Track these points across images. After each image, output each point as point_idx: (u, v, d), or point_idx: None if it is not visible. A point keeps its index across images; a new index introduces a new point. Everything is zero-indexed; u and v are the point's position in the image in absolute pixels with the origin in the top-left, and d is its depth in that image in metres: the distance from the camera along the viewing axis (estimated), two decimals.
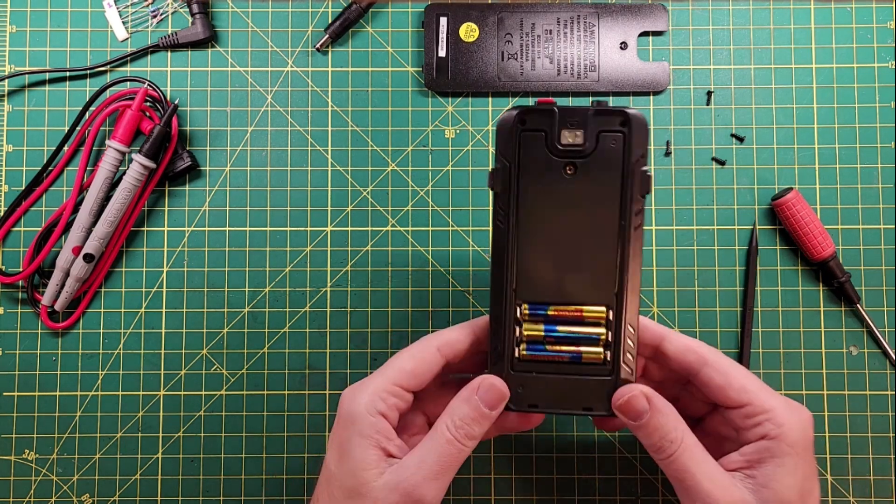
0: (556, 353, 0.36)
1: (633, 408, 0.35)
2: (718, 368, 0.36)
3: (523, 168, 0.34)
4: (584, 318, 0.36)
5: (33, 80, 0.52)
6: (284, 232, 0.52)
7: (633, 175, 0.34)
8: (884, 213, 0.51)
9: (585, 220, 0.35)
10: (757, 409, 0.35)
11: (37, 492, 0.50)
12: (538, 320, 0.36)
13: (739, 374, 0.36)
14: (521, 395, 0.36)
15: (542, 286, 0.35)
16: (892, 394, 0.50)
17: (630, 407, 0.35)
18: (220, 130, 0.52)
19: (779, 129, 0.52)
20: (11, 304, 0.51)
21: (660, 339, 0.37)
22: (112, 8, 0.52)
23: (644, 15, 0.52)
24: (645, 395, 0.35)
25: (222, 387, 0.51)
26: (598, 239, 0.35)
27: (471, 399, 0.35)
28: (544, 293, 0.35)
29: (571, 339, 0.36)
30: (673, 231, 0.51)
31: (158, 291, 0.51)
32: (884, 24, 0.52)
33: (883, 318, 0.51)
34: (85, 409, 0.51)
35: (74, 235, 0.50)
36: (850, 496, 0.50)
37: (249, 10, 0.53)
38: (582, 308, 0.35)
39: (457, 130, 0.52)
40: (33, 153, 0.52)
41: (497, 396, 0.35)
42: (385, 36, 0.53)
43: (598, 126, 0.34)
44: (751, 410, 0.35)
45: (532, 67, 0.52)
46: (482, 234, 0.52)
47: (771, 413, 0.34)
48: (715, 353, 0.37)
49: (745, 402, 0.35)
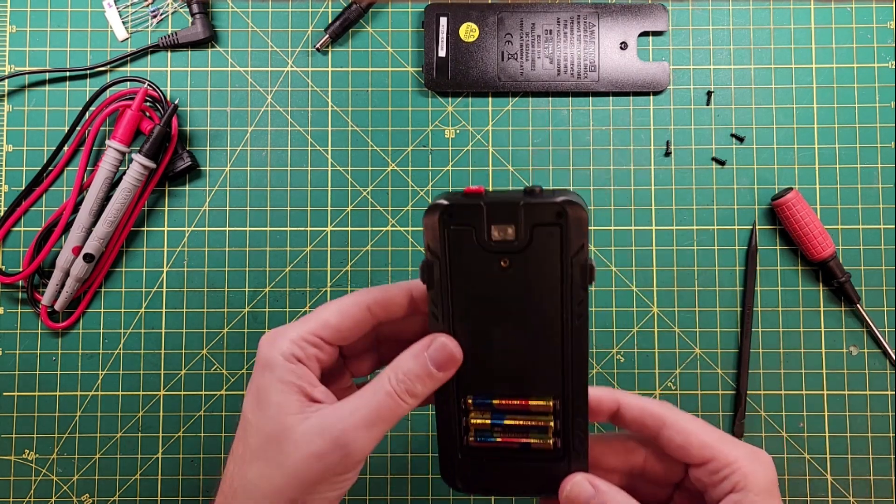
0: (506, 442, 0.35)
1: (578, 495, 0.34)
2: (677, 428, 0.35)
3: (453, 263, 0.32)
4: (530, 408, 0.35)
5: (33, 80, 0.52)
6: (284, 232, 0.52)
7: (571, 268, 0.32)
8: (884, 213, 0.51)
9: (525, 312, 0.33)
10: (721, 463, 0.34)
11: (37, 492, 0.50)
12: (484, 410, 0.35)
13: (698, 429, 0.35)
14: (474, 479, 0.36)
15: (486, 379, 0.34)
16: (892, 394, 0.50)
17: (575, 495, 0.34)
18: (220, 130, 0.52)
19: (779, 129, 0.52)
20: (11, 304, 0.51)
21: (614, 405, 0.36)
22: (112, 8, 0.52)
23: (644, 15, 0.52)
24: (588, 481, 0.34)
25: (222, 387, 0.51)
26: (539, 331, 0.33)
27: (419, 356, 0.33)
28: (488, 386, 0.34)
29: (519, 428, 0.35)
30: (673, 231, 0.51)
31: (158, 291, 0.51)
32: (884, 24, 0.52)
33: (883, 318, 0.51)
34: (85, 409, 0.51)
35: (74, 235, 0.50)
36: (850, 496, 0.50)
37: (249, 10, 0.53)
38: (528, 400, 0.35)
39: (457, 130, 0.52)
40: (33, 153, 0.52)
41: (447, 357, 0.33)
42: (385, 36, 0.53)
43: (532, 219, 0.31)
44: (715, 466, 0.34)
45: (532, 67, 0.52)
46: None
47: (735, 464, 0.34)
48: (672, 411, 0.36)
49: (708, 459, 0.34)
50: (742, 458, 0.34)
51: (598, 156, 0.52)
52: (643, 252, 0.51)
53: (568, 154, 0.52)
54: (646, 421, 0.36)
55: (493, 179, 0.52)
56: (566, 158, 0.52)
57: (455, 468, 0.36)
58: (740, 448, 0.35)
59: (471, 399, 0.35)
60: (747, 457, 0.34)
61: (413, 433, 0.50)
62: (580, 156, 0.52)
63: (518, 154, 0.52)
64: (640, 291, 0.51)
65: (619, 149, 0.52)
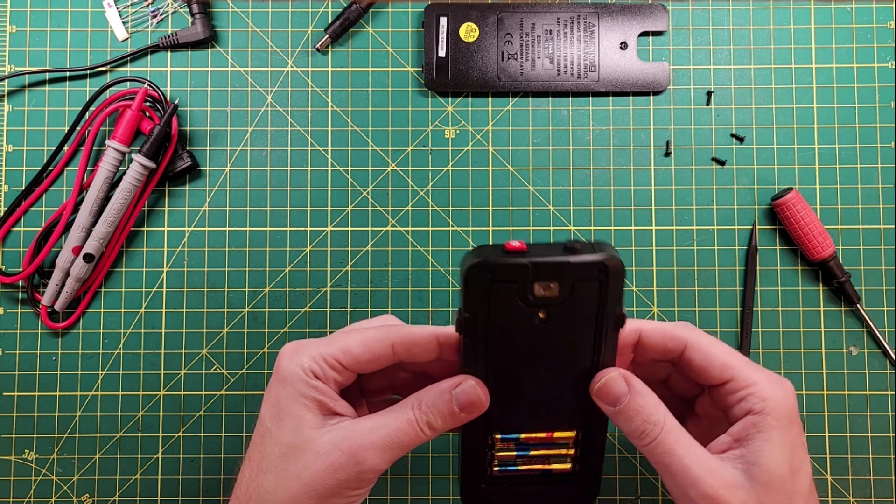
0: (528, 470, 0.36)
1: (611, 391, 0.33)
2: (699, 349, 0.35)
3: (492, 317, 0.32)
4: (554, 440, 0.36)
5: (33, 80, 0.52)
6: (284, 232, 0.52)
7: (605, 317, 0.33)
8: (884, 213, 0.51)
9: (557, 357, 0.34)
10: (740, 384, 0.34)
11: (37, 492, 0.50)
12: (510, 444, 0.36)
13: (720, 351, 0.35)
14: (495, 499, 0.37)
15: (514, 418, 0.35)
16: (892, 394, 0.50)
17: (608, 390, 0.33)
18: (220, 130, 0.52)
19: (779, 129, 0.52)
20: (11, 304, 0.51)
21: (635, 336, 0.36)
22: (112, 8, 0.52)
23: (644, 15, 0.52)
24: (623, 377, 0.34)
25: (222, 387, 0.51)
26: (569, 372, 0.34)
27: (445, 394, 0.33)
28: (516, 424, 0.35)
29: (542, 458, 0.36)
30: (673, 231, 0.51)
31: (158, 291, 0.51)
32: (884, 24, 0.52)
33: (883, 318, 0.51)
34: (85, 409, 0.51)
35: (74, 235, 0.50)
36: (850, 496, 0.50)
37: (249, 10, 0.53)
38: (553, 432, 0.35)
39: (457, 130, 0.52)
40: (33, 153, 0.52)
41: (474, 402, 0.33)
42: (385, 36, 0.53)
43: (573, 276, 0.32)
44: (733, 386, 0.34)
45: (532, 67, 0.52)
46: (482, 234, 0.52)
47: (754, 387, 0.34)
48: (695, 332, 0.35)
49: (727, 379, 0.34)
50: (763, 381, 0.34)
51: (598, 156, 0.52)
52: (643, 252, 0.51)
53: (568, 154, 0.52)
54: (668, 345, 0.35)
55: (492, 179, 0.52)
56: (566, 158, 0.52)
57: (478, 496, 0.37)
58: (762, 373, 0.34)
59: (498, 435, 0.35)
60: (768, 381, 0.34)
61: None
62: (580, 156, 0.52)
63: (518, 154, 0.52)
64: (640, 291, 0.51)
65: (619, 149, 0.52)
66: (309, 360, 0.34)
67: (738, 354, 0.35)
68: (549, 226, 0.51)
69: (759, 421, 0.33)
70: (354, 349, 0.34)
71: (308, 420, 0.33)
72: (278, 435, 0.34)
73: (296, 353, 0.34)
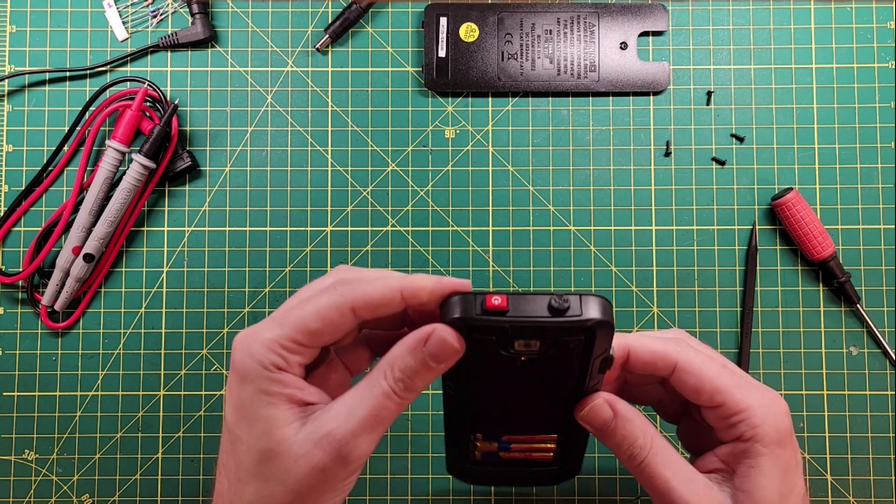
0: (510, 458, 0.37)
1: (597, 416, 0.33)
2: (689, 370, 0.34)
3: (471, 361, 0.31)
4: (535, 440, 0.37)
5: (33, 80, 0.52)
6: (284, 232, 0.52)
7: (592, 363, 0.32)
8: (884, 213, 0.51)
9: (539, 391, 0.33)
10: (731, 409, 0.33)
11: (37, 492, 0.50)
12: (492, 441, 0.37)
13: (711, 373, 0.34)
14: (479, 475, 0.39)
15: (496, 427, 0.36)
16: (892, 394, 0.50)
17: (594, 416, 0.33)
18: (220, 130, 0.52)
19: (779, 129, 0.52)
20: (11, 304, 0.51)
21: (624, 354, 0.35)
22: (112, 8, 0.52)
23: (644, 15, 0.52)
24: (608, 402, 0.33)
25: (222, 387, 0.51)
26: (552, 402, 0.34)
27: (417, 351, 0.30)
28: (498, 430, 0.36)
29: (523, 451, 0.37)
30: (673, 231, 0.51)
31: (158, 291, 0.51)
32: (884, 24, 0.52)
33: (883, 318, 0.51)
34: (85, 409, 0.51)
35: (74, 235, 0.50)
36: (850, 496, 0.50)
37: (249, 10, 0.53)
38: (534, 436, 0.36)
39: (457, 130, 0.52)
40: (33, 153, 0.52)
41: (449, 352, 0.30)
42: (385, 36, 0.53)
43: (557, 335, 0.30)
44: (724, 411, 0.33)
45: (532, 67, 0.52)
46: (482, 233, 0.52)
47: (745, 412, 0.33)
48: (686, 351, 0.34)
49: (718, 404, 0.33)
50: (754, 406, 0.33)
51: (598, 156, 0.52)
52: (643, 252, 0.51)
53: (568, 154, 0.52)
54: (657, 364, 0.34)
55: (492, 179, 0.52)
56: (566, 158, 0.52)
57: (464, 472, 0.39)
58: (754, 394, 0.33)
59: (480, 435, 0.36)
60: (761, 404, 0.33)
61: (413, 433, 0.50)
62: (580, 156, 0.52)
63: (518, 154, 0.52)
64: (639, 291, 0.51)
65: (619, 149, 0.52)
66: (265, 351, 0.30)
67: (730, 373, 0.34)
68: (549, 226, 0.51)
69: (749, 448, 0.33)
70: (311, 324, 0.30)
71: (278, 419, 0.30)
72: (249, 441, 0.31)
73: (250, 345, 0.31)
